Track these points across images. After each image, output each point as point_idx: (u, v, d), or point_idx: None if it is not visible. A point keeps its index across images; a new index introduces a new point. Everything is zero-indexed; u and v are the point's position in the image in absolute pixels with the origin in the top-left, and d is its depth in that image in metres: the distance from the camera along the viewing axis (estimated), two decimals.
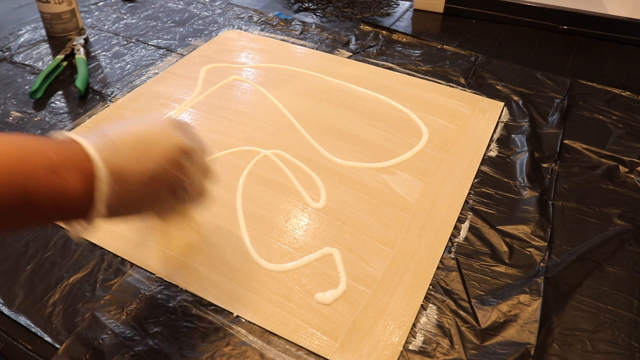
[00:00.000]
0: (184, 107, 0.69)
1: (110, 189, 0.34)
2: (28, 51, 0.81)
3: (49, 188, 0.31)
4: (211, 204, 0.45)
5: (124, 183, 0.34)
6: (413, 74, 0.77)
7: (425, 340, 0.43)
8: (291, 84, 0.74)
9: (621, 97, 0.74)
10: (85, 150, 0.34)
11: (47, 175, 0.31)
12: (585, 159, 0.63)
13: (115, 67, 0.78)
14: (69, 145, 0.34)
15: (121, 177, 0.34)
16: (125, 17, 0.92)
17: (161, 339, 0.43)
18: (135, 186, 0.35)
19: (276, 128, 0.66)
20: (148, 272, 0.48)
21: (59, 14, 0.83)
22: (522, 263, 0.50)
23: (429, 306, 0.46)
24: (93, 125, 0.65)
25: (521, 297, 0.47)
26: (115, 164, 0.34)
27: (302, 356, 0.42)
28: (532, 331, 0.44)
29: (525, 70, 0.79)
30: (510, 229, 0.53)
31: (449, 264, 0.50)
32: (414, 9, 0.99)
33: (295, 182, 0.58)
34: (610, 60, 0.84)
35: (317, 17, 0.96)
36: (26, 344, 0.43)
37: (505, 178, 0.60)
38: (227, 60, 0.80)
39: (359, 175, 0.59)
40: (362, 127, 0.66)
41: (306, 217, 0.54)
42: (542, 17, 0.92)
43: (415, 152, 0.63)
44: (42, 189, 0.31)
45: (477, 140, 0.65)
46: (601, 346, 0.43)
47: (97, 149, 0.34)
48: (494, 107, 0.71)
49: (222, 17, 0.93)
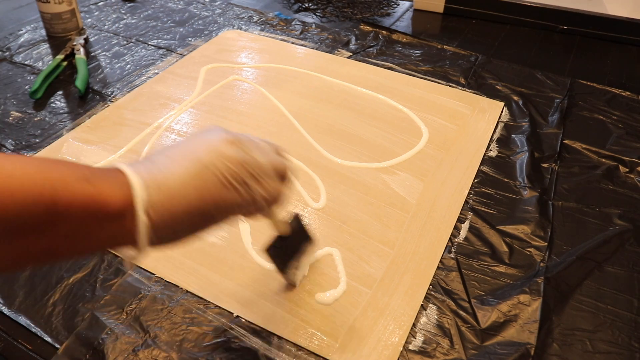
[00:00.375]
0: (184, 107, 0.69)
1: (150, 198, 0.29)
2: (28, 51, 0.81)
3: (81, 196, 0.27)
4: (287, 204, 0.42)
5: (165, 190, 0.30)
6: (413, 74, 0.77)
7: (425, 340, 0.43)
8: (291, 84, 0.74)
9: (621, 97, 0.74)
10: (121, 168, 0.30)
11: (79, 183, 0.27)
12: (585, 159, 0.63)
13: (115, 67, 0.78)
14: (104, 167, 0.30)
15: (163, 183, 0.30)
16: (125, 17, 0.92)
17: (161, 338, 0.43)
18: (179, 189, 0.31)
19: (276, 128, 0.66)
20: (148, 272, 0.48)
21: (59, 14, 0.83)
22: (522, 263, 0.50)
23: (429, 306, 0.46)
24: (93, 125, 0.65)
25: (521, 297, 0.47)
26: (154, 172, 0.30)
27: (302, 356, 0.42)
28: (532, 331, 0.44)
29: (525, 70, 0.79)
30: (510, 229, 0.53)
31: (449, 264, 0.50)
32: (414, 9, 0.99)
33: (295, 182, 0.58)
34: (610, 60, 0.84)
35: (317, 17, 0.96)
36: (26, 344, 0.43)
37: (505, 178, 0.60)
38: (227, 60, 0.80)
39: (359, 175, 0.59)
40: (362, 127, 0.66)
41: (306, 217, 0.54)
42: (542, 17, 0.92)
43: (415, 152, 0.63)
44: (73, 198, 0.27)
45: (477, 140, 0.65)
46: (601, 346, 0.43)
47: (137, 171, 0.30)
48: (494, 107, 0.71)
49: (222, 17, 0.93)
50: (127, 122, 0.66)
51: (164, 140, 0.63)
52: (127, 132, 0.64)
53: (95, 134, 0.64)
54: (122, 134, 0.64)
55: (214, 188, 0.32)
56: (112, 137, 0.63)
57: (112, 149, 0.62)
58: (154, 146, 0.62)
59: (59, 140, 0.63)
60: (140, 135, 0.64)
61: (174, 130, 0.65)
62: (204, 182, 0.32)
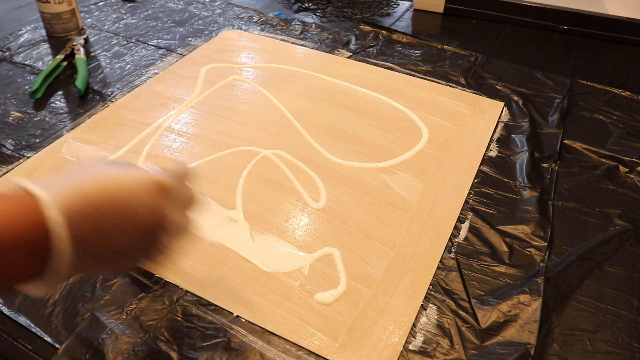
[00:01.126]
0: (184, 107, 0.69)
1: (71, 263, 0.29)
2: (28, 51, 0.81)
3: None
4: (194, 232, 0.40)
5: (87, 247, 0.30)
6: (413, 74, 0.77)
7: (425, 340, 0.43)
8: (291, 84, 0.74)
9: (621, 97, 0.74)
10: (44, 213, 0.28)
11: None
12: (585, 159, 0.63)
13: (115, 67, 0.78)
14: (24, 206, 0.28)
15: (85, 245, 0.30)
16: (125, 17, 0.92)
17: (161, 339, 0.43)
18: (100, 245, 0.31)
19: (276, 128, 0.66)
20: (148, 272, 0.48)
21: (59, 14, 0.83)
22: (522, 263, 0.50)
23: (429, 306, 0.46)
24: (93, 125, 0.65)
25: (521, 297, 0.47)
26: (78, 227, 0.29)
27: (302, 356, 0.42)
28: (532, 331, 0.44)
29: (525, 70, 0.79)
30: (510, 229, 0.53)
31: (449, 264, 0.50)
32: (414, 9, 0.99)
33: (295, 182, 0.58)
34: (610, 60, 0.84)
35: (317, 17, 0.96)
36: (26, 344, 0.43)
37: (505, 178, 0.60)
38: (227, 60, 0.80)
39: (359, 175, 0.59)
40: (362, 127, 0.66)
41: (306, 217, 0.54)
42: (542, 17, 0.92)
43: (415, 152, 0.63)
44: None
45: (477, 140, 0.65)
46: (601, 346, 0.43)
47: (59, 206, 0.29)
48: (494, 107, 0.71)
49: (222, 17, 0.93)
50: (127, 122, 0.66)
51: (164, 140, 0.63)
52: (127, 132, 0.64)
53: (95, 134, 0.64)
54: (122, 134, 0.64)
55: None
56: (112, 137, 0.63)
57: (112, 149, 0.62)
58: (154, 146, 0.62)
59: (59, 140, 0.63)
60: (140, 135, 0.64)
61: (174, 130, 0.65)
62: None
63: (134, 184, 0.32)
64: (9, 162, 0.60)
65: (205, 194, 0.56)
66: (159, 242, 0.35)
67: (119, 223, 0.31)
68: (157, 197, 0.33)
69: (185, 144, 0.63)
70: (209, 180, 0.58)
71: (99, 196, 0.31)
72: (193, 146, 0.62)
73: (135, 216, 0.32)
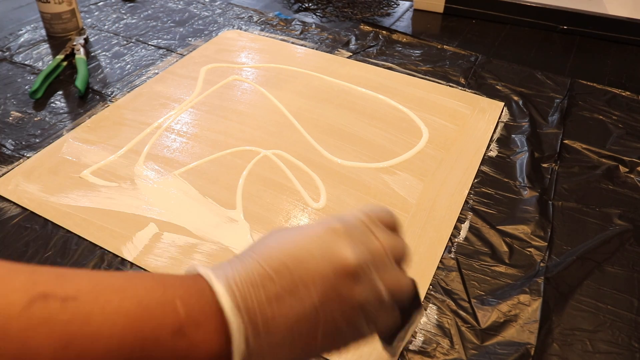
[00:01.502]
0: (184, 107, 0.69)
1: (250, 350, 0.26)
2: (28, 51, 0.81)
3: (172, 353, 0.25)
4: None
5: (268, 335, 0.27)
6: (413, 74, 0.77)
7: (425, 340, 0.43)
8: (291, 84, 0.74)
9: (621, 97, 0.74)
10: (218, 298, 0.26)
11: (172, 338, 0.25)
12: (585, 159, 0.63)
13: (115, 67, 0.78)
14: (200, 288, 0.27)
15: (265, 330, 0.26)
16: (125, 17, 0.92)
17: None
18: (284, 335, 0.27)
19: (276, 128, 0.66)
20: (148, 272, 0.48)
21: (59, 14, 0.83)
22: (522, 263, 0.50)
23: (429, 306, 0.46)
24: (93, 125, 0.65)
25: (521, 297, 0.47)
26: (257, 312, 0.26)
27: None
28: (532, 331, 0.44)
29: (525, 70, 0.79)
30: (510, 229, 0.53)
31: (449, 264, 0.50)
32: (414, 9, 0.99)
33: (295, 182, 0.58)
34: (610, 60, 0.84)
35: (317, 17, 0.96)
36: None
37: (505, 178, 0.60)
38: (227, 60, 0.80)
39: (359, 175, 0.59)
40: (362, 127, 0.66)
41: (306, 217, 0.54)
42: (542, 17, 0.92)
43: (415, 152, 0.63)
44: (163, 356, 0.25)
45: (477, 140, 0.65)
46: (601, 346, 0.43)
47: (233, 290, 0.26)
48: (494, 107, 0.71)
49: (222, 17, 0.93)
50: (127, 122, 0.66)
51: (164, 140, 0.63)
52: (127, 132, 0.64)
53: (95, 134, 0.64)
54: (122, 134, 0.64)
55: (321, 336, 0.28)
56: (112, 137, 0.63)
57: (112, 148, 0.62)
58: (154, 146, 0.62)
59: (59, 140, 0.63)
60: (140, 135, 0.64)
61: (174, 130, 0.65)
62: (313, 329, 0.28)
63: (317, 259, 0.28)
64: (9, 162, 0.60)
65: (205, 194, 0.56)
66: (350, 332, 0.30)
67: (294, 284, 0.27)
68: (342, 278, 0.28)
69: (185, 144, 0.63)
70: (209, 180, 0.58)
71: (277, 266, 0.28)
72: (193, 146, 0.62)
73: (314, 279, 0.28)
